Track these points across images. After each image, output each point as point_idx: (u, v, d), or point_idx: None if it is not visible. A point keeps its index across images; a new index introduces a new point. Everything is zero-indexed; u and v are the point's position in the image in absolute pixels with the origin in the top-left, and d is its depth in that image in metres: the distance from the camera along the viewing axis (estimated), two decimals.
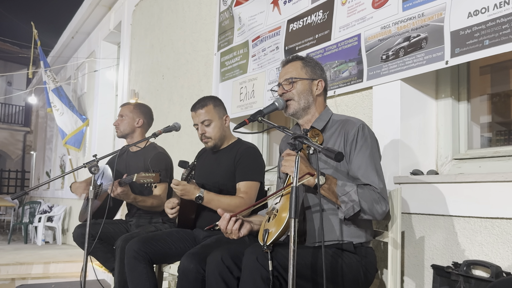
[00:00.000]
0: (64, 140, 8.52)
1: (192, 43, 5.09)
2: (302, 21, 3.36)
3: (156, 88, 5.95)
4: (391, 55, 2.66)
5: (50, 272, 6.12)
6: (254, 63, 3.87)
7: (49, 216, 9.27)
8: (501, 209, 2.12)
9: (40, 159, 14.70)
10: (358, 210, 1.94)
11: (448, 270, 2.21)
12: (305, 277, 1.91)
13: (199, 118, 2.78)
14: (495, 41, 2.17)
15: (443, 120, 2.70)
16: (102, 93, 8.32)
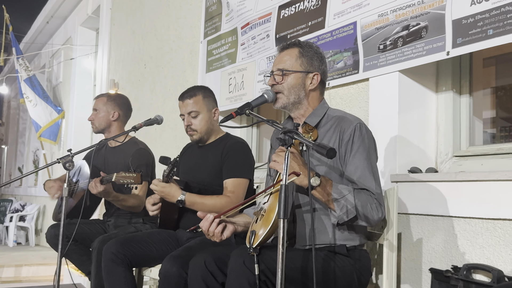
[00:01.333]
0: (39, 133, 8.44)
1: (176, 30, 5.07)
2: (294, 7, 3.36)
3: (137, 78, 5.92)
4: (389, 45, 2.67)
5: (22, 276, 6.07)
6: (244, 52, 3.87)
7: (21, 216, 9.21)
8: (504, 210, 2.13)
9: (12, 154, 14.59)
10: (353, 215, 1.94)
11: (447, 274, 2.21)
12: (295, 282, 1.91)
13: (186, 108, 2.77)
14: (499, 30, 2.17)
15: (443, 114, 2.71)
16: (79, 83, 8.26)
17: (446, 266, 2.27)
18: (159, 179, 2.63)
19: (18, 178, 3.89)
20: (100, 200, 3.40)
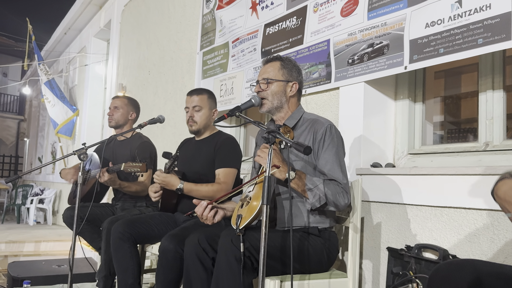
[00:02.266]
0: (56, 130, 8.40)
1: (176, 42, 5.04)
2: (278, 26, 3.36)
3: (142, 82, 5.89)
4: (357, 60, 2.68)
5: (40, 250, 6.04)
6: (234, 62, 3.86)
7: (41, 199, 9.14)
8: (450, 199, 2.16)
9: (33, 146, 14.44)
10: (324, 202, 1.96)
11: (402, 252, 2.24)
12: (275, 258, 1.92)
13: (192, 102, 2.79)
14: (449, 49, 2.20)
15: (400, 118, 2.73)
16: (92, 86, 8.19)
17: (401, 246, 2.29)
18: (161, 170, 2.64)
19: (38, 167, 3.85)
20: (109, 187, 3.39)
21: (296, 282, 1.94)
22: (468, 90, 2.60)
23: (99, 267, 2.95)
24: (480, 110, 2.37)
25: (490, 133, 2.32)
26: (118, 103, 3.46)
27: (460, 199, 2.12)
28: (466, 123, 2.66)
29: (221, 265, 1.87)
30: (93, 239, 3.19)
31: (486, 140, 2.32)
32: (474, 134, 2.46)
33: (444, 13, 2.23)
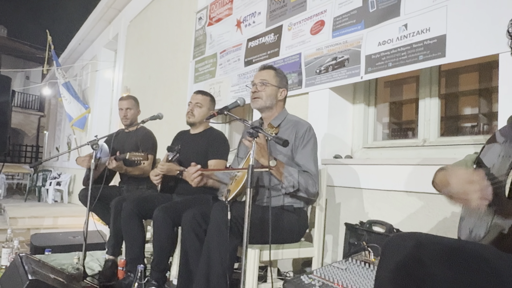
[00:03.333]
0: (71, 123, 8.27)
1: (173, 52, 4.99)
2: (258, 41, 3.36)
3: (143, 85, 5.81)
4: (323, 70, 2.70)
5: (58, 224, 5.94)
6: (221, 70, 3.84)
7: (58, 181, 9.00)
8: (395, 184, 2.19)
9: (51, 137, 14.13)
10: (297, 188, 1.97)
11: (356, 227, 2.27)
12: (255, 227, 1.92)
13: (196, 99, 2.77)
14: (396, 63, 2.22)
15: (357, 119, 2.76)
16: (101, 88, 8.07)
17: (356, 221, 2.32)
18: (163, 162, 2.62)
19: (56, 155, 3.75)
20: (116, 172, 3.35)
21: (273, 251, 1.95)
22: (410, 97, 2.63)
23: (109, 238, 2.92)
24: (419, 113, 2.42)
25: (427, 131, 2.36)
26: (130, 104, 3.38)
27: (403, 184, 2.15)
28: (408, 123, 2.69)
29: (212, 229, 1.87)
30: (103, 215, 3.16)
31: (424, 137, 2.36)
32: (414, 132, 2.49)
33: (393, 34, 2.25)
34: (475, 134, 2.23)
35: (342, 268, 1.80)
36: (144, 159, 2.84)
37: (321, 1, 2.78)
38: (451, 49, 1.97)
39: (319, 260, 2.15)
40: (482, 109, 2.29)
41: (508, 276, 0.97)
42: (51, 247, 3.41)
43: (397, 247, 1.02)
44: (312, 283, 1.69)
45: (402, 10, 2.22)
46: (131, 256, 2.57)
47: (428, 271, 0.97)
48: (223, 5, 3.93)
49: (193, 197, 2.56)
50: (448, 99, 2.41)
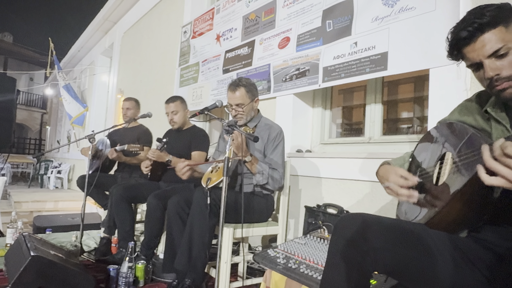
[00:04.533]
0: (71, 121, 7.95)
1: (161, 60, 4.87)
2: (235, 52, 3.33)
3: (136, 88, 5.65)
4: (288, 78, 2.71)
5: (59, 207, 5.72)
6: (202, 76, 3.79)
7: (59, 170, 8.64)
8: (346, 174, 2.22)
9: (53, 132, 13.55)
10: (266, 182, 1.97)
11: (314, 209, 2.29)
12: (230, 208, 1.91)
13: (170, 108, 2.68)
14: (347, 74, 2.25)
15: (315, 120, 2.78)
16: (98, 89, 7.77)
17: (314, 204, 2.34)
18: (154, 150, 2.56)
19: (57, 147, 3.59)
20: (115, 161, 3.26)
21: (245, 229, 1.95)
22: (359, 102, 2.67)
23: (104, 219, 2.84)
24: (366, 115, 2.46)
25: (372, 131, 2.41)
26: (130, 105, 3.28)
27: (353, 174, 2.18)
28: (357, 124, 2.72)
29: (195, 210, 1.85)
30: (99, 199, 3.07)
31: (370, 135, 2.41)
32: (362, 131, 2.52)
33: (345, 50, 2.28)
34: (410, 134, 2.28)
35: (301, 243, 1.82)
36: (140, 150, 2.79)
37: (287, 21, 2.78)
38: (392, 64, 2.01)
39: (283, 236, 2.16)
40: (416, 114, 2.34)
41: (433, 247, 1.00)
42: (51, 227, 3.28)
43: (346, 225, 1.03)
44: (277, 256, 1.70)
45: (353, 31, 2.25)
46: (122, 235, 2.51)
47: (371, 245, 0.98)
48: (205, 21, 3.87)
49: (179, 186, 2.53)
50: (389, 104, 2.45)
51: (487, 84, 0.96)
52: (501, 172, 0.74)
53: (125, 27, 6.48)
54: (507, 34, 0.90)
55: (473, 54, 0.93)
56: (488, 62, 0.92)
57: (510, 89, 0.93)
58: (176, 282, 1.88)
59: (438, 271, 0.97)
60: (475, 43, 0.92)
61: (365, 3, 2.20)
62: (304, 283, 1.46)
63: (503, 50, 0.90)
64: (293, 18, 2.72)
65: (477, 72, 0.97)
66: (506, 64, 0.91)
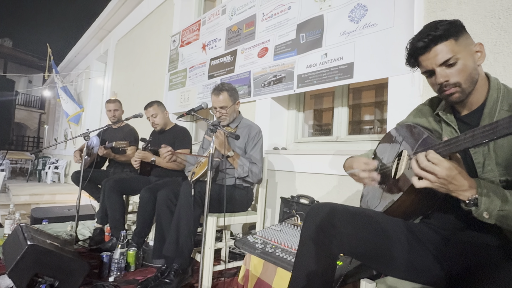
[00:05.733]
0: (68, 119, 7.65)
1: (152, 66, 4.76)
2: (219, 60, 3.29)
3: (129, 91, 5.51)
4: (266, 84, 2.70)
5: (56, 200, 5.49)
6: (190, 81, 3.73)
7: (56, 166, 8.31)
8: (317, 169, 2.23)
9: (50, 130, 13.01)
10: (246, 175, 1.96)
11: (288, 199, 2.29)
12: (213, 199, 1.89)
13: (149, 113, 2.62)
14: (318, 81, 2.26)
15: (290, 121, 2.77)
16: (93, 92, 7.51)
17: (288, 195, 2.34)
18: (140, 150, 2.50)
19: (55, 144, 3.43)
20: (107, 158, 3.16)
21: (227, 218, 1.93)
22: (328, 106, 2.68)
23: (98, 210, 2.75)
24: (334, 118, 2.48)
25: (339, 131, 2.43)
26: (116, 106, 3.16)
27: (322, 169, 2.19)
28: (326, 125, 2.74)
29: (182, 202, 1.81)
30: (93, 192, 2.96)
31: (337, 135, 2.43)
32: (331, 131, 2.54)
33: (317, 60, 2.29)
34: (372, 134, 2.32)
35: (277, 229, 1.82)
36: (126, 146, 2.71)
37: (266, 33, 2.77)
38: (357, 73, 2.04)
39: (261, 224, 2.15)
40: (377, 116, 2.37)
41: (391, 231, 1.02)
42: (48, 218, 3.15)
43: (316, 213, 1.03)
44: (256, 241, 1.69)
45: (324, 43, 2.27)
46: (113, 223, 2.44)
47: (338, 230, 0.99)
48: (192, 31, 3.81)
49: (168, 179, 2.48)
50: (354, 108, 2.48)
51: (437, 89, 0.98)
52: (426, 177, 0.81)
53: (119, 35, 6.30)
54: (456, 47, 0.92)
55: (427, 62, 0.95)
56: (439, 70, 0.94)
57: (456, 94, 0.95)
58: (165, 267, 1.84)
59: (395, 252, 0.99)
60: (429, 53, 0.94)
61: (334, 19, 2.22)
62: (279, 265, 1.46)
63: (452, 60, 0.92)
64: (271, 31, 2.72)
65: (430, 78, 0.99)
66: (454, 72, 0.93)
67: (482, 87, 0.96)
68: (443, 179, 0.78)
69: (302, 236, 1.05)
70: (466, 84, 0.94)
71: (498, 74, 1.48)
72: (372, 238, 0.99)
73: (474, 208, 0.79)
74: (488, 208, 0.77)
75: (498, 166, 0.88)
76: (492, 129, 0.71)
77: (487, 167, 0.90)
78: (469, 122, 0.99)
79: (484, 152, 0.91)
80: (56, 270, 1.64)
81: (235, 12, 3.17)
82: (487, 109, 0.94)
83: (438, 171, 0.77)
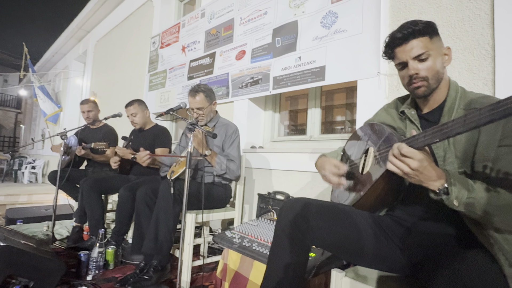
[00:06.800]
0: (45, 118, 7.22)
1: (132, 67, 4.62)
2: (198, 62, 3.24)
3: (109, 91, 5.31)
4: (244, 85, 2.69)
5: (33, 200, 5.20)
6: (169, 82, 3.64)
7: (33, 166, 7.87)
8: (292, 166, 2.24)
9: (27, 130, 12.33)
10: (224, 172, 1.94)
11: (265, 195, 2.27)
12: (192, 197, 1.86)
13: (129, 112, 2.54)
14: (293, 83, 2.27)
15: (267, 121, 2.77)
16: (72, 92, 7.16)
17: (265, 192, 2.34)
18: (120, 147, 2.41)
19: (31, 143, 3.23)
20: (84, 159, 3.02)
21: (205, 214, 1.90)
22: (302, 107, 2.70)
23: (76, 209, 2.63)
24: (308, 118, 2.51)
25: (313, 130, 2.46)
26: (90, 107, 3.03)
27: (297, 166, 2.20)
28: (301, 125, 2.76)
29: (161, 199, 1.77)
30: (71, 192, 2.83)
31: (311, 134, 2.45)
32: (304, 131, 2.56)
33: (291, 63, 2.30)
34: (343, 133, 2.35)
35: (254, 224, 1.82)
36: (106, 148, 2.59)
37: (243, 36, 2.76)
38: (329, 75, 2.07)
39: (239, 219, 2.14)
40: (347, 117, 2.42)
41: (359, 224, 1.04)
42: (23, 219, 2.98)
43: (289, 208, 1.04)
44: (233, 236, 1.68)
45: (298, 47, 2.29)
46: (93, 223, 2.34)
47: (310, 224, 1.00)
48: (172, 34, 3.73)
49: (148, 178, 2.41)
50: (327, 109, 2.51)
51: (407, 81, 1.01)
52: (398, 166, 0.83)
53: (98, 36, 6.06)
54: (430, 44, 0.96)
55: (403, 54, 0.98)
56: (411, 62, 0.98)
57: (423, 88, 0.99)
58: (144, 264, 1.79)
59: (363, 244, 1.01)
60: (406, 45, 0.97)
61: (307, 24, 2.24)
62: (256, 258, 1.46)
63: (425, 55, 0.96)
64: (248, 35, 2.71)
65: (402, 71, 1.02)
66: (424, 67, 0.97)
67: (444, 88, 1.01)
68: (416, 170, 0.80)
69: (276, 230, 1.05)
70: (432, 80, 0.97)
71: (454, 79, 1.56)
72: (342, 231, 1.01)
73: (445, 197, 0.81)
74: (457, 197, 0.80)
75: (457, 159, 0.92)
76: (447, 128, 0.74)
77: (447, 160, 0.93)
78: (431, 119, 1.03)
79: (444, 146, 0.95)
80: (31, 270, 1.55)
81: (214, 16, 3.13)
82: (447, 107, 0.98)
83: (411, 163, 0.79)
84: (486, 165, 0.86)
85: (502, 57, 1.40)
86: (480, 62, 1.49)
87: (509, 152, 0.83)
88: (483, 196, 0.79)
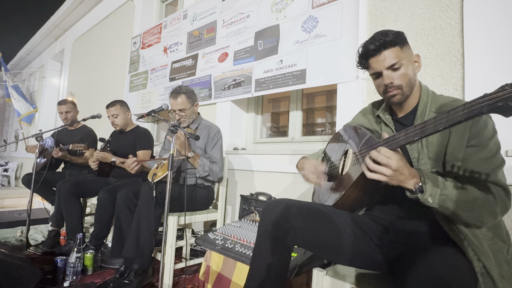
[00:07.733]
0: (19, 118, 6.85)
1: (113, 67, 4.49)
2: (180, 63, 3.20)
3: (87, 92, 5.13)
4: (226, 87, 2.68)
5: (5, 204, 4.92)
6: (151, 83, 3.57)
7: (5, 168, 7.46)
8: (274, 168, 2.25)
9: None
10: (207, 174, 1.93)
11: (248, 197, 2.26)
12: (175, 200, 1.83)
13: (110, 112, 2.47)
14: (274, 86, 2.29)
15: (249, 123, 2.77)
16: (48, 92, 6.84)
17: (247, 193, 2.34)
18: (98, 150, 2.34)
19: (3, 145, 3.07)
20: (62, 160, 2.90)
21: (188, 216, 1.88)
22: (284, 109, 2.72)
23: (52, 213, 2.52)
24: (290, 120, 2.53)
25: (294, 132, 2.49)
26: (68, 108, 2.91)
27: (279, 167, 2.22)
28: (283, 127, 2.78)
29: (142, 202, 1.73)
30: (47, 195, 2.71)
31: (292, 136, 2.48)
32: (286, 133, 2.57)
33: (273, 66, 2.32)
34: (324, 135, 2.40)
35: (237, 226, 1.81)
36: (84, 149, 2.51)
37: (226, 39, 2.75)
38: (309, 78, 2.10)
39: (222, 221, 2.13)
40: (328, 119, 2.46)
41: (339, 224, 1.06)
42: None
43: (272, 209, 1.04)
44: (216, 238, 1.66)
45: (279, 50, 2.31)
46: (71, 228, 2.25)
47: (292, 224, 1.01)
48: (153, 34, 3.66)
49: (128, 180, 2.34)
50: (308, 112, 2.54)
51: (382, 90, 1.05)
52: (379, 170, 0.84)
53: (76, 34, 5.85)
54: (401, 53, 1.00)
55: (377, 64, 1.01)
56: (386, 72, 1.01)
57: (398, 96, 1.03)
58: (124, 268, 1.74)
59: (343, 243, 1.03)
60: (379, 56, 1.00)
61: (289, 28, 2.27)
62: (239, 259, 1.46)
63: (397, 65, 1.00)
64: (230, 37, 2.71)
65: (377, 80, 1.05)
66: (398, 76, 1.01)
67: (416, 93, 1.05)
68: (395, 171, 0.82)
69: (259, 231, 1.05)
70: (406, 87, 1.01)
71: (427, 83, 1.62)
72: (323, 230, 1.02)
73: (420, 195, 0.84)
74: (431, 194, 0.84)
75: (429, 160, 0.96)
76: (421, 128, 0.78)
77: (421, 160, 0.97)
78: (405, 123, 1.07)
79: (418, 148, 0.99)
80: (4, 278, 1.47)
81: (196, 18, 3.11)
82: (419, 111, 1.02)
83: (392, 163, 0.82)
84: (456, 164, 0.90)
85: (471, 64, 1.48)
86: (451, 68, 1.57)
87: (475, 152, 0.88)
88: (453, 192, 0.84)
